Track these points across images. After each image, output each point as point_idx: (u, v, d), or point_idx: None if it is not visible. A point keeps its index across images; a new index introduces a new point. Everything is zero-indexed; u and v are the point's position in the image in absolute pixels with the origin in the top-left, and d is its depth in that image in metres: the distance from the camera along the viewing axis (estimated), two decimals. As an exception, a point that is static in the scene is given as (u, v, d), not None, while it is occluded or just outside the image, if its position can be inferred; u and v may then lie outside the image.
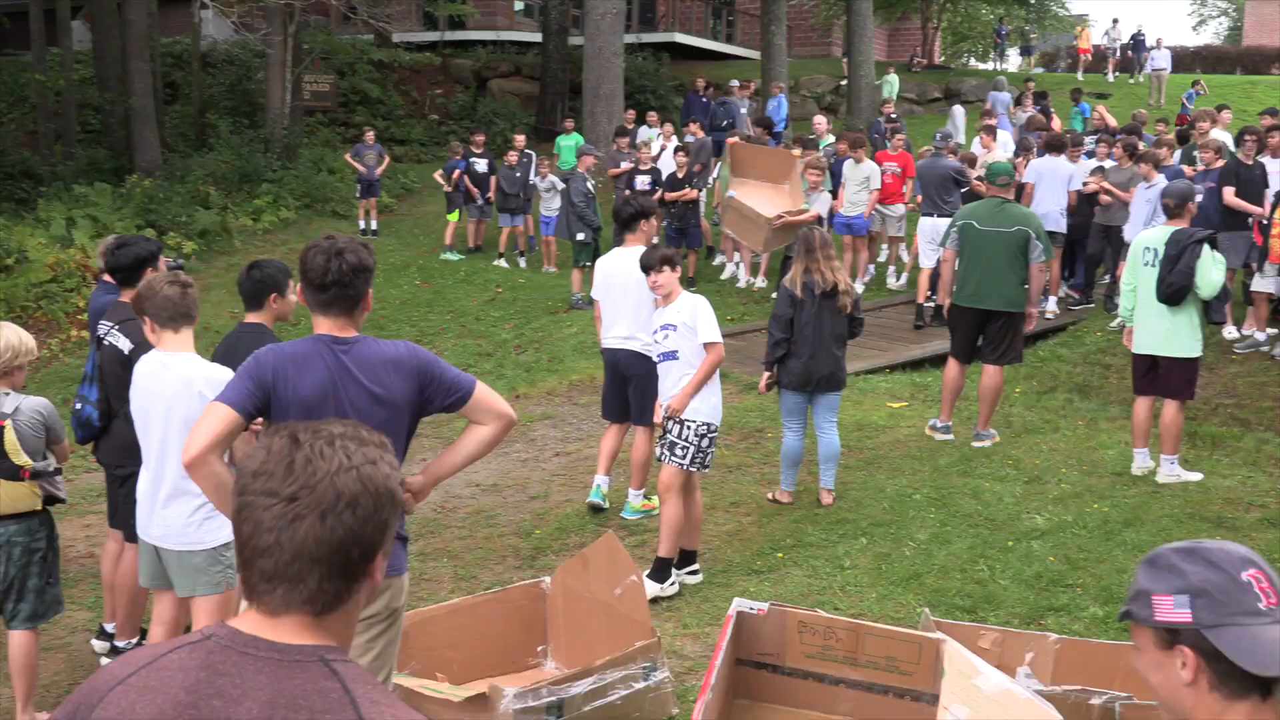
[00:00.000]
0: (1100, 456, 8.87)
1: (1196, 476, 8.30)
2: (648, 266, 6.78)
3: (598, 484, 8.05)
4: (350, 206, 20.29)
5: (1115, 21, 33.27)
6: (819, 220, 11.88)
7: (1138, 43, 31.76)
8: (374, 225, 19.44)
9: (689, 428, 6.62)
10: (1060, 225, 13.26)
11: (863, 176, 14.30)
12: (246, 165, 20.46)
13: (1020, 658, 5.02)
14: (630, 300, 7.61)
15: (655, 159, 16.20)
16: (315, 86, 25.25)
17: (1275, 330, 11.72)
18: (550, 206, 16.61)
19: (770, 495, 8.08)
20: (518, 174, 17.14)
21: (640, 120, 20.30)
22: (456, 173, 17.84)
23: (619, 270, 7.67)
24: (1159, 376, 8.23)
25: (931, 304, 13.05)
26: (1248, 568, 1.85)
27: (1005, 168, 9.34)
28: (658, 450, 6.88)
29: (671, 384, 6.72)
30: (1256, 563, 1.86)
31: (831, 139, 16.03)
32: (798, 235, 7.88)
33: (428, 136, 26.67)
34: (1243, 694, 1.80)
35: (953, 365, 9.30)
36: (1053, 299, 13.75)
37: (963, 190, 13.40)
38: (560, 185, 16.08)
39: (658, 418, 6.90)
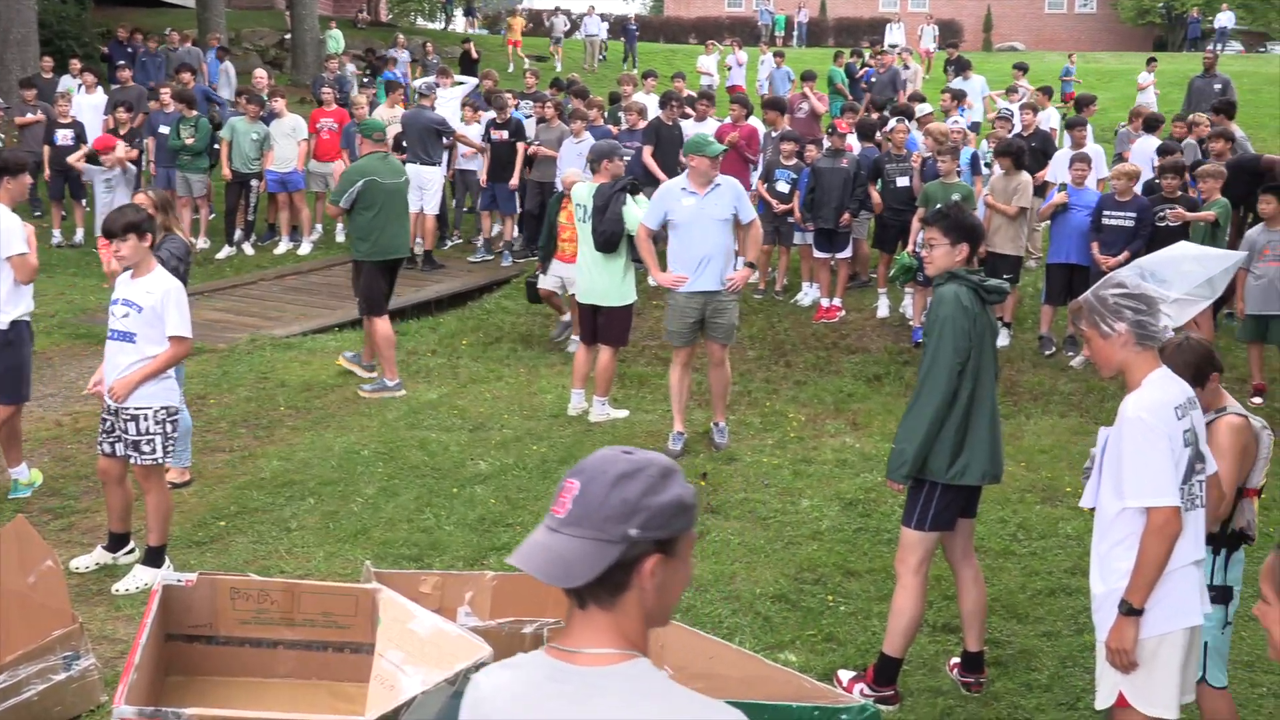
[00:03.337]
0: (540, 401, 9.36)
1: (623, 414, 9.00)
2: (109, 233, 5.93)
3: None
4: None
5: (557, 9, 34.91)
6: None
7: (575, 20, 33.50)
8: None
9: (147, 418, 5.97)
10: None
11: (289, 128, 14.10)
12: None
13: (461, 598, 5.18)
14: None
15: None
16: None
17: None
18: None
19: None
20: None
21: (61, 69, 18.56)
22: None
23: None
24: (599, 325, 8.79)
25: (420, 248, 13.91)
26: (573, 475, 1.86)
27: (378, 124, 9.83)
28: (120, 449, 6.04)
29: (120, 371, 5.97)
30: (584, 472, 1.85)
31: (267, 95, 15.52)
32: (154, 197, 7.18)
33: None
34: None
35: (384, 324, 9.46)
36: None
37: (445, 144, 13.83)
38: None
39: (95, 389, 6.15)
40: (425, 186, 13.67)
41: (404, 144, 13.59)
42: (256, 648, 4.67)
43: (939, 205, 5.50)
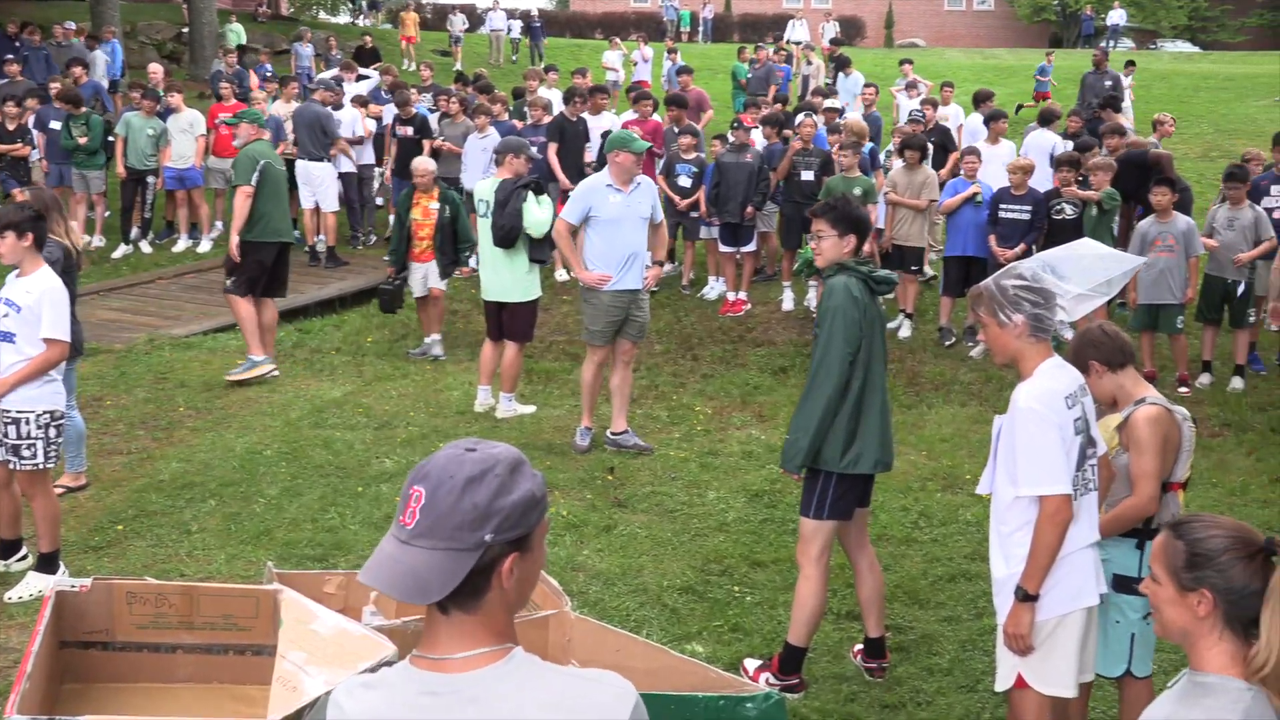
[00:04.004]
0: (447, 398, 9.30)
1: (530, 409, 8.98)
2: None
3: None
4: None
5: (455, 8, 34.34)
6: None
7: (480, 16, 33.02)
8: None
9: (29, 422, 5.80)
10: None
11: (187, 124, 13.85)
12: None
13: (365, 597, 5.12)
14: None
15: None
16: None
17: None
18: None
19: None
20: None
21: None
22: None
23: None
24: (504, 321, 8.74)
25: (322, 244, 13.97)
26: (417, 482, 1.79)
27: (256, 115, 10.10)
28: (2, 453, 5.88)
29: (1, 372, 5.82)
30: (429, 477, 1.79)
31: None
32: (33, 198, 7.01)
33: None
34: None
35: (248, 304, 9.51)
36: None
37: (325, 140, 13.70)
38: None
39: None
40: (316, 183, 13.55)
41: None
42: (155, 652, 4.59)
43: (827, 198, 5.55)
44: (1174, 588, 2.41)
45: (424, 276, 10.36)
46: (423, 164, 10.40)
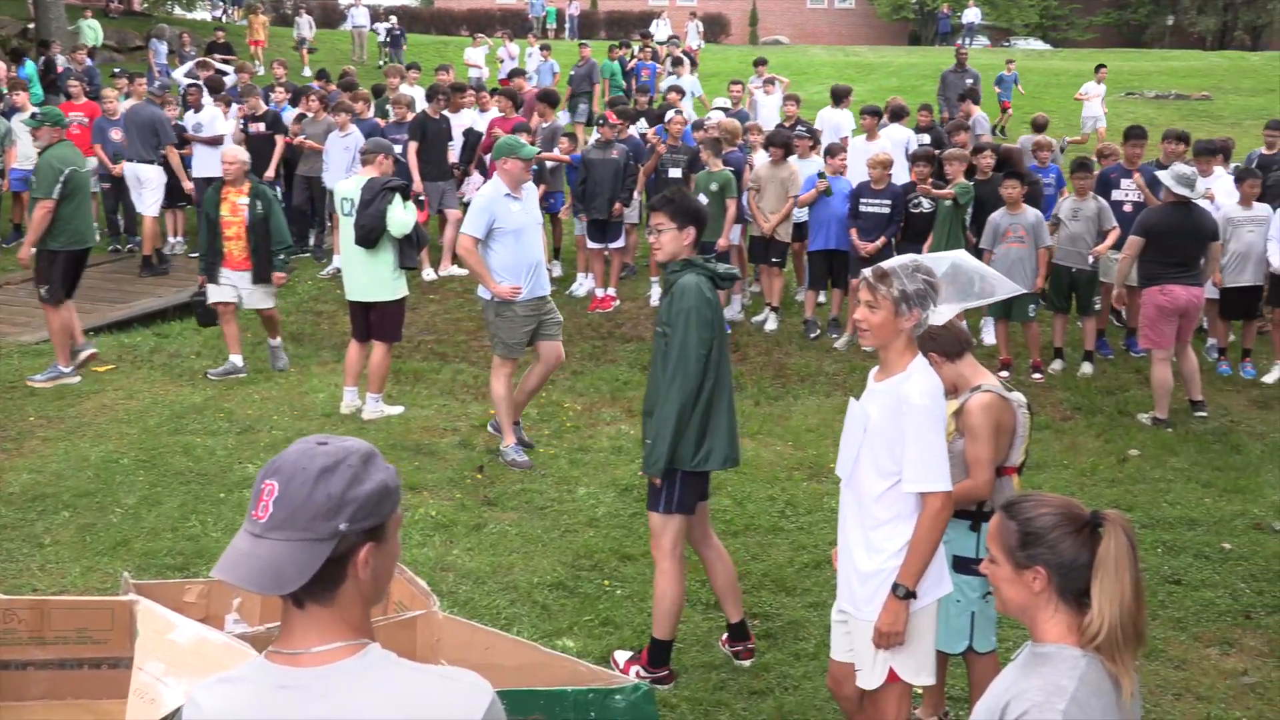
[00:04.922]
0: (312, 400, 9.15)
1: (398, 410, 8.88)
2: None
3: None
4: None
5: (300, 9, 33.34)
6: None
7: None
8: None
9: None
10: None
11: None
12: None
13: (228, 605, 5.03)
14: None
15: None
16: None
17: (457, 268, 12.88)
18: None
19: None
20: None
21: None
22: None
23: None
24: (372, 321, 8.62)
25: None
26: (269, 476, 1.81)
27: (58, 116, 9.87)
28: None
29: None
30: (281, 471, 1.80)
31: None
32: None
33: None
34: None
35: (63, 313, 9.38)
36: None
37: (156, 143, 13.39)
38: None
39: None
40: (142, 186, 13.27)
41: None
42: (4, 670, 4.43)
43: (664, 191, 5.51)
44: (1010, 567, 2.50)
45: (234, 287, 9.55)
46: (231, 153, 9.53)
